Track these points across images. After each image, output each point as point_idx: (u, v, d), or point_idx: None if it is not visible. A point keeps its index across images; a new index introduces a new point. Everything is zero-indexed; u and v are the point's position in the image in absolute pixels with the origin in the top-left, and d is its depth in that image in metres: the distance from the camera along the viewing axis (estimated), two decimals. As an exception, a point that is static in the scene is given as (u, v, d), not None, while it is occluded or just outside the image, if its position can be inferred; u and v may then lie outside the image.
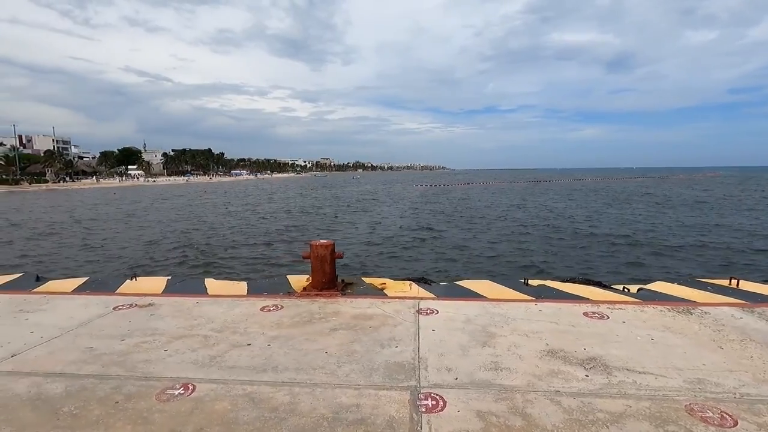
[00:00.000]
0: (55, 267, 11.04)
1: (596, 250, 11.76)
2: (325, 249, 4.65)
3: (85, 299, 4.57)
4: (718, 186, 53.58)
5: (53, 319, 3.92)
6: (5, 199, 42.52)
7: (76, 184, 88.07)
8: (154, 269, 10.62)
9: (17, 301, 4.52)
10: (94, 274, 9.45)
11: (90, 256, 12.66)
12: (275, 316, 3.92)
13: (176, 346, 3.26)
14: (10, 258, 12.68)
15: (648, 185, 57.70)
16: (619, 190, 44.61)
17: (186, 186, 78.87)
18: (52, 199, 43.07)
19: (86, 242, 15.25)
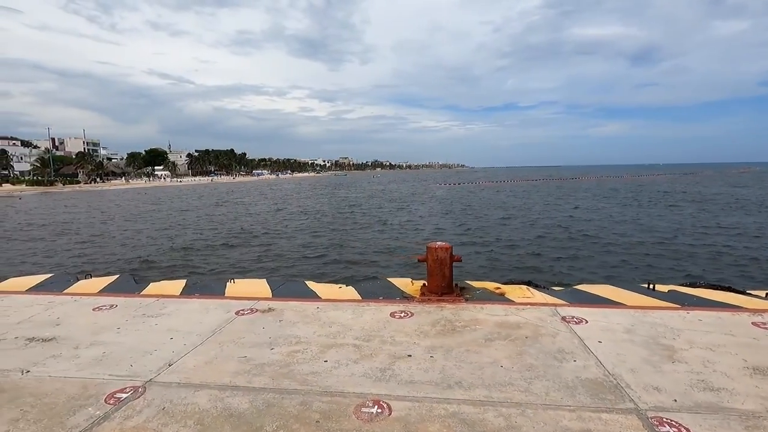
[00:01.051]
0: (152, 267, 11.15)
1: (694, 254, 11.16)
2: (445, 252, 4.42)
3: (200, 303, 4.46)
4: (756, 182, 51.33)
5: (182, 324, 3.80)
6: (47, 199, 43.96)
7: (106, 184, 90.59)
8: (216, 268, 10.63)
9: (133, 304, 4.45)
10: (196, 275, 9.50)
11: (177, 257, 12.81)
12: (412, 323, 3.72)
13: (332, 356, 3.09)
14: (107, 258, 12.93)
15: (682, 182, 55.72)
16: (656, 189, 43.09)
17: (214, 186, 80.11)
18: (95, 199, 44.25)
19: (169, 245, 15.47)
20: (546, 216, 20.88)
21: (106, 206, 33.86)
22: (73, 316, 4.10)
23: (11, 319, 4.07)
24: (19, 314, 4.19)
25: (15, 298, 4.77)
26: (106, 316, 4.12)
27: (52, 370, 2.96)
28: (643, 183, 56.07)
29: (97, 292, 5.06)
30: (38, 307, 4.43)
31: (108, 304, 4.43)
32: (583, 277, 8.73)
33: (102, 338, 3.53)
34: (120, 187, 79.52)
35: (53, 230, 19.42)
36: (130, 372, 2.90)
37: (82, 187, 79.19)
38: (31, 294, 4.99)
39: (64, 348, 3.34)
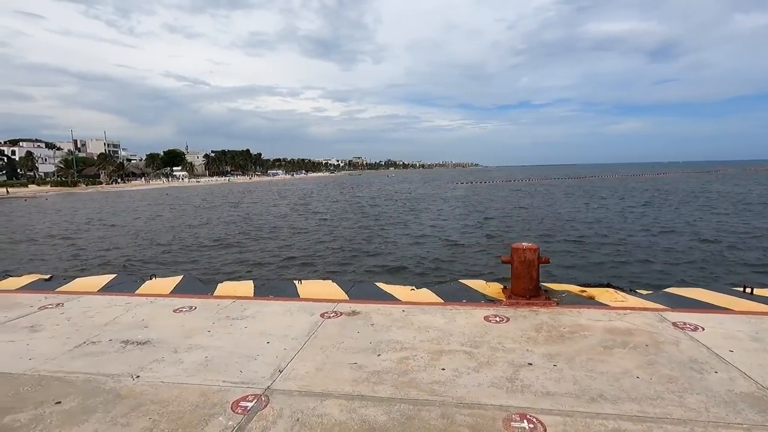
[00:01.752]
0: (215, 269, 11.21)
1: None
2: (533, 253, 4.23)
3: (279, 305, 4.36)
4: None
5: (273, 328, 3.70)
6: (73, 199, 44.88)
7: (127, 185, 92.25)
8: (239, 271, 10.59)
9: (211, 306, 4.37)
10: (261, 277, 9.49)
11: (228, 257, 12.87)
12: (513, 328, 3.54)
13: (447, 363, 2.93)
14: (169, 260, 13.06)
15: (706, 180, 54.17)
16: (689, 188, 41.89)
17: (230, 185, 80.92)
18: (122, 199, 45.03)
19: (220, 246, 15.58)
20: (578, 215, 20.42)
21: (142, 206, 34.37)
22: (156, 318, 4.04)
23: (96, 320, 4.02)
24: (103, 316, 4.14)
25: (91, 299, 4.74)
26: (190, 318, 4.04)
27: (162, 376, 2.87)
28: (667, 181, 54.67)
29: (168, 293, 5.01)
30: (117, 308, 4.38)
31: (186, 306, 4.35)
32: (658, 279, 8.41)
33: (197, 342, 3.44)
34: (141, 187, 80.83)
35: (105, 230, 19.73)
36: (243, 378, 2.79)
37: (104, 187, 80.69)
38: (105, 294, 4.96)
39: (163, 352, 3.26)
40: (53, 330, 3.79)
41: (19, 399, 2.58)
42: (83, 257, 12.91)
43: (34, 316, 4.20)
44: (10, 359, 3.19)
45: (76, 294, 4.97)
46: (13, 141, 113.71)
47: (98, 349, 3.35)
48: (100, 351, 3.31)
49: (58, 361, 3.12)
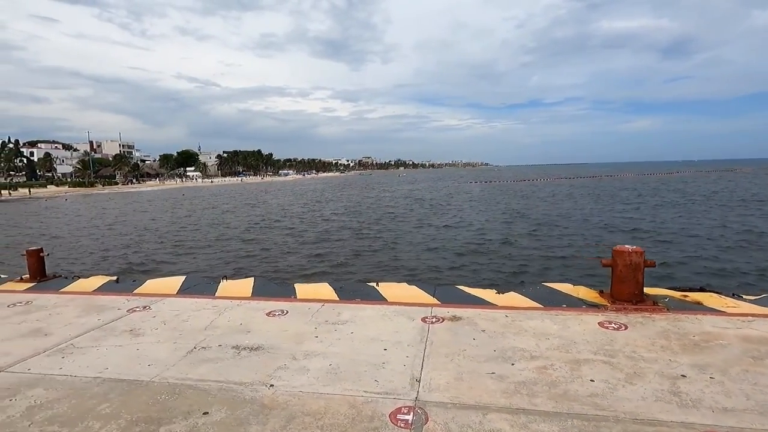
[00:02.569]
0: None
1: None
2: (639, 256, 4.06)
3: (374, 309, 4.24)
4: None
5: (379, 333, 3.58)
6: (92, 200, 45.45)
7: (143, 185, 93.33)
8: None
9: (301, 309, 4.26)
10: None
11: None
12: (637, 336, 3.37)
13: (592, 374, 2.78)
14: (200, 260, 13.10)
15: (727, 179, 53.04)
16: (708, 188, 41.06)
17: (244, 186, 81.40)
18: (139, 199, 45.48)
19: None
20: (600, 218, 20.06)
21: (165, 206, 34.67)
22: (253, 322, 3.95)
23: (192, 324, 3.95)
24: (197, 320, 4.06)
25: (176, 302, 4.67)
26: (287, 322, 3.94)
27: (296, 384, 2.76)
28: (686, 179, 53.62)
29: (250, 296, 4.93)
30: (207, 311, 4.30)
31: (278, 310, 4.26)
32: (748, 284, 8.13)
33: (311, 348, 3.33)
34: (156, 188, 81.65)
35: (138, 231, 19.90)
36: (383, 389, 2.67)
37: (121, 188, 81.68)
38: (187, 297, 4.89)
39: (282, 358, 3.15)
40: (155, 334, 3.71)
41: (163, 409, 2.49)
42: (133, 259, 12.97)
43: (127, 319, 4.14)
44: (129, 365, 3.11)
45: (157, 296, 4.91)
46: (31, 143, 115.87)
47: (213, 355, 3.26)
48: (216, 357, 3.21)
49: (180, 368, 3.04)
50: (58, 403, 2.61)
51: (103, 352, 3.36)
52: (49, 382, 2.88)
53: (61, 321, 4.14)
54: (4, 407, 2.57)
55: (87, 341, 3.61)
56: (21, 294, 5.21)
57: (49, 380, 2.91)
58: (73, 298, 4.93)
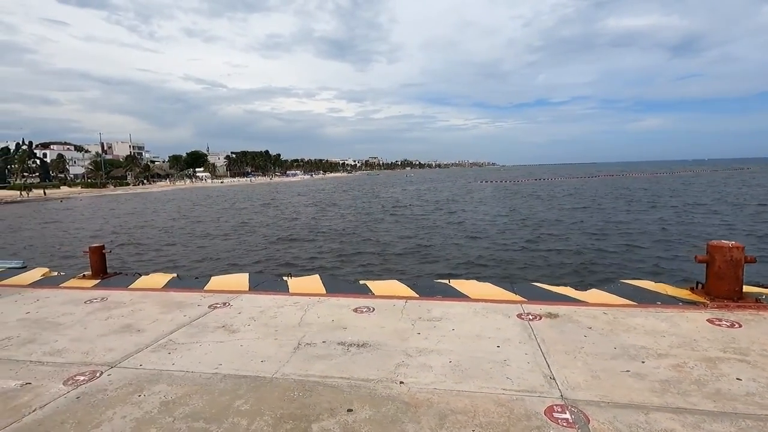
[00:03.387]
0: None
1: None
2: (739, 252, 3.93)
3: (463, 306, 4.14)
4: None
5: (482, 330, 3.49)
6: (106, 200, 45.76)
7: (154, 186, 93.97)
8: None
9: (386, 306, 4.18)
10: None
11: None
12: (758, 333, 3.25)
13: (733, 372, 2.67)
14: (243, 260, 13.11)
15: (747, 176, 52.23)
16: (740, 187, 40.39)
17: (254, 186, 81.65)
18: (155, 199, 45.71)
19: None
20: (634, 218, 19.80)
21: (180, 206, 34.84)
22: (345, 319, 3.87)
23: (282, 320, 3.88)
24: (285, 316, 4.00)
25: (255, 298, 4.61)
26: (379, 318, 3.86)
27: (425, 381, 2.68)
28: (703, 177, 52.91)
29: (325, 293, 4.85)
30: (291, 308, 4.23)
31: (363, 306, 4.18)
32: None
33: (419, 345, 3.25)
34: (167, 188, 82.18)
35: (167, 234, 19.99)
36: (522, 386, 2.57)
37: (133, 188, 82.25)
38: (262, 294, 4.83)
39: (396, 355, 3.07)
40: (251, 330, 3.65)
41: (303, 406, 2.42)
42: (175, 257, 13.00)
43: (212, 315, 4.09)
44: (241, 361, 3.05)
45: (230, 293, 4.86)
46: (44, 144, 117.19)
47: (322, 351, 3.19)
48: (327, 354, 3.14)
49: (296, 364, 2.97)
50: (191, 398, 2.55)
51: (208, 348, 3.30)
52: (170, 378, 2.82)
53: (146, 317, 4.10)
54: (137, 402, 2.52)
55: (184, 337, 3.55)
56: (91, 291, 5.19)
57: (167, 376, 2.85)
58: (146, 295, 4.89)
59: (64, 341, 3.55)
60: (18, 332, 3.78)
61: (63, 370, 3.00)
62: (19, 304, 4.67)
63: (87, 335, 3.67)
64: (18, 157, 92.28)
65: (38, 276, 6.18)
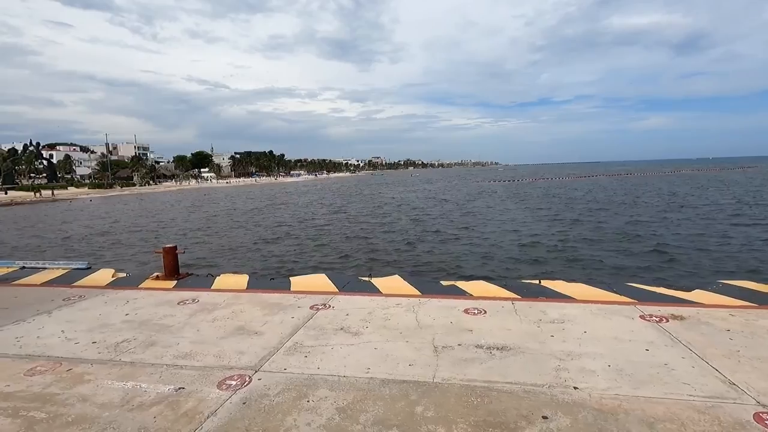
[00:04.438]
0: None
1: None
2: None
3: (577, 307, 4.05)
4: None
5: (616, 332, 3.39)
6: (115, 201, 45.68)
7: (160, 187, 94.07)
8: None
9: (495, 307, 4.09)
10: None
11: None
12: None
13: None
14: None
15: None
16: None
17: (262, 186, 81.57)
18: (166, 200, 45.62)
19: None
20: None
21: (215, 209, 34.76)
22: (463, 321, 3.77)
23: (399, 322, 3.79)
24: (398, 318, 3.90)
25: (352, 300, 4.51)
26: (497, 320, 3.76)
27: (599, 386, 2.58)
28: (719, 177, 52.45)
29: (420, 293, 4.76)
30: (396, 308, 4.14)
31: (473, 308, 4.08)
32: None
33: (562, 348, 3.16)
34: (174, 188, 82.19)
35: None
36: (707, 392, 2.48)
37: (140, 189, 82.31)
38: (357, 295, 4.73)
39: (546, 359, 2.98)
40: (373, 333, 3.56)
41: (491, 412, 2.33)
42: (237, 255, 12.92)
43: (321, 317, 3.99)
44: (387, 365, 2.96)
45: (321, 294, 4.77)
46: (50, 145, 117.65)
47: (466, 355, 3.09)
48: (473, 357, 3.05)
49: (447, 368, 2.87)
50: (364, 404, 2.46)
51: (342, 351, 3.21)
52: (326, 382, 2.73)
53: (252, 319, 4.01)
54: (311, 408, 2.43)
55: (309, 340, 3.46)
56: (175, 292, 5.10)
57: (322, 380, 2.76)
58: (236, 296, 4.81)
59: (186, 344, 3.46)
60: (131, 334, 3.70)
61: (207, 374, 2.92)
62: (111, 305, 4.59)
63: (205, 337, 3.58)
64: (25, 158, 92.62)
65: (109, 277, 6.10)
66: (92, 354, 3.32)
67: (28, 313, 4.37)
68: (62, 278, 6.14)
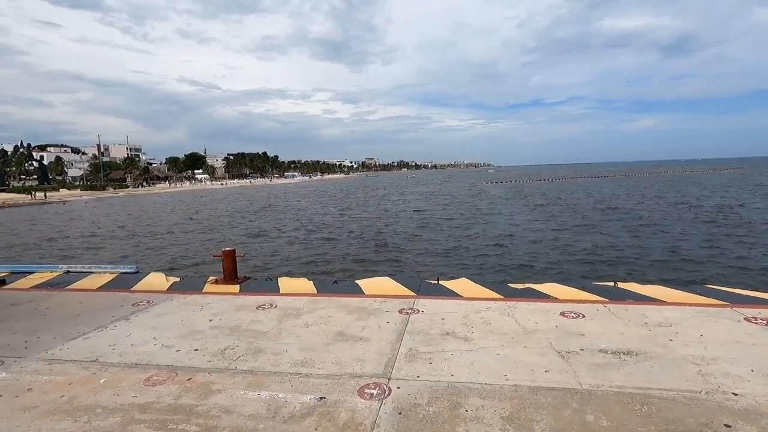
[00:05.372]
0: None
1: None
2: None
3: (675, 310, 4.01)
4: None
5: (730, 336, 3.35)
6: (108, 204, 44.99)
7: (154, 188, 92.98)
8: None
9: (591, 310, 4.04)
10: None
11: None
12: None
13: None
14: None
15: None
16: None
17: (258, 188, 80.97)
18: (166, 202, 44.98)
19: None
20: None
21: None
22: (565, 323, 3.71)
23: (502, 326, 3.71)
24: (499, 322, 3.83)
25: (435, 303, 4.44)
26: (599, 323, 3.71)
27: (749, 391, 2.53)
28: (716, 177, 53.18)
29: (504, 297, 4.69)
30: (491, 313, 4.08)
31: (571, 312, 4.02)
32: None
33: (689, 352, 3.10)
34: (168, 190, 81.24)
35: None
36: None
37: (134, 191, 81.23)
38: (437, 299, 4.65)
39: (681, 363, 2.92)
40: (483, 338, 3.48)
41: (668, 421, 2.26)
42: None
43: (418, 322, 3.90)
44: (521, 371, 2.87)
45: (401, 298, 4.68)
46: (41, 146, 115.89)
47: (596, 360, 3.03)
48: (605, 363, 2.98)
49: (588, 375, 2.80)
50: (528, 413, 2.37)
51: (465, 357, 3.13)
52: (470, 390, 2.64)
53: (347, 324, 3.91)
54: (473, 417, 2.34)
55: (422, 346, 3.37)
56: (247, 296, 4.97)
57: (465, 388, 2.67)
58: (313, 300, 4.69)
59: (295, 350, 3.35)
60: (230, 341, 3.58)
61: (339, 382, 2.81)
62: (187, 310, 4.45)
63: (310, 344, 3.48)
64: (16, 159, 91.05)
65: (164, 281, 5.95)
66: (202, 362, 3.20)
67: (104, 320, 4.22)
68: (115, 282, 5.98)
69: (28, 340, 3.74)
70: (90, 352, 3.45)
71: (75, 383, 2.91)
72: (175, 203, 41.73)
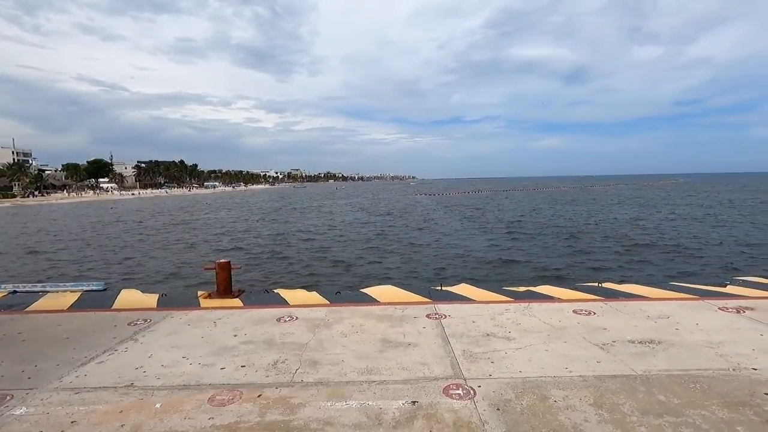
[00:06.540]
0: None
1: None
2: None
3: (682, 305, 4.59)
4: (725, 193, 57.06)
5: (719, 323, 3.95)
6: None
7: (49, 198, 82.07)
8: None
9: (604, 309, 4.48)
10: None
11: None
12: None
13: None
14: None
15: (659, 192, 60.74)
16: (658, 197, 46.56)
17: (176, 198, 75.19)
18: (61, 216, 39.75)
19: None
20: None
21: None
22: (586, 320, 4.09)
23: (530, 325, 3.98)
24: (526, 322, 4.09)
25: (456, 308, 4.59)
26: (609, 319, 4.14)
27: (765, 366, 3.04)
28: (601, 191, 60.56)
29: (513, 299, 4.97)
30: (510, 314, 4.33)
31: (582, 309, 4.42)
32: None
33: (692, 338, 3.60)
34: (69, 200, 72.26)
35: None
36: None
37: (23, 201, 70.89)
38: (456, 303, 4.80)
39: (700, 348, 3.40)
40: (524, 337, 3.71)
41: (723, 395, 2.65)
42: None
43: (451, 326, 4.02)
44: (582, 364, 3.14)
45: (419, 305, 4.77)
46: None
47: (631, 349, 3.41)
48: (640, 352, 3.37)
49: (638, 363, 3.15)
50: (608, 398, 2.62)
51: (521, 354, 3.33)
52: (546, 383, 2.84)
53: (384, 331, 3.91)
54: (566, 406, 2.53)
55: (473, 347, 3.50)
56: (257, 309, 4.69)
57: (539, 381, 2.86)
58: (334, 310, 4.59)
59: (351, 359, 3.29)
60: (275, 355, 3.40)
61: (419, 386, 2.84)
62: (200, 328, 4.11)
63: (361, 352, 3.44)
64: None
65: (146, 298, 5.38)
66: (259, 378, 3.01)
67: (106, 342, 3.75)
68: (85, 302, 5.28)
69: (25, 370, 3.21)
70: (117, 376, 3.06)
71: (126, 411, 2.59)
72: (79, 214, 37.29)
